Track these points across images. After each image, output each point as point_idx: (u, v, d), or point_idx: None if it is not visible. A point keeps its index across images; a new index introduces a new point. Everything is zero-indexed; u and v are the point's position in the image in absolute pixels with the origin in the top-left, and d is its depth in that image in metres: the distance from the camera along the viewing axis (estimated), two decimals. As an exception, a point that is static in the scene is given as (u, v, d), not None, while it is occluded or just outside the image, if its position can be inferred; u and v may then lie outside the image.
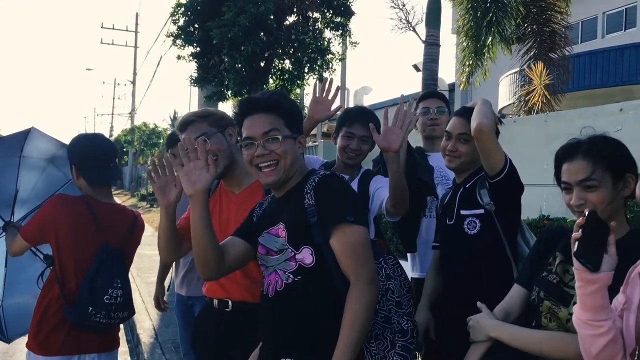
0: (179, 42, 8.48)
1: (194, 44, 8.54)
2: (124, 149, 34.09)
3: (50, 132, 3.16)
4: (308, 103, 2.68)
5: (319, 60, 8.55)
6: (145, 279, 7.66)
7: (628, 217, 1.70)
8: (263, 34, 8.09)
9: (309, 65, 8.59)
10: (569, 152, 1.62)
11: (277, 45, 8.23)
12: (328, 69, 8.71)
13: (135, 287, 7.12)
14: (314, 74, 8.65)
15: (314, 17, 8.67)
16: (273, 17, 8.16)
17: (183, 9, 8.43)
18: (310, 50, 8.50)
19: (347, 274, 1.62)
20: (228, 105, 9.34)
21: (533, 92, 9.91)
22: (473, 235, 2.21)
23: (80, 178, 2.51)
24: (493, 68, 11.21)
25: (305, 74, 8.74)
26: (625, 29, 18.01)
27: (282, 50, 8.42)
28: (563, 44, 11.14)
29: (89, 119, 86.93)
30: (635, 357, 1.31)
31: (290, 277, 1.67)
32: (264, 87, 8.38)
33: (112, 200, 2.61)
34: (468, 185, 2.29)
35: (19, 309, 2.90)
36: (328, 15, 8.72)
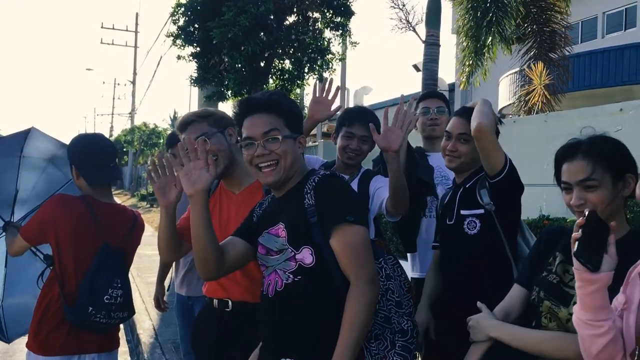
0: (179, 42, 8.48)
1: (194, 44, 8.55)
2: (124, 149, 34.09)
3: (51, 132, 3.16)
4: (308, 103, 2.68)
5: (319, 60, 8.56)
6: (146, 279, 7.66)
7: (628, 217, 1.70)
8: (263, 34, 8.09)
9: (309, 65, 8.59)
10: (569, 152, 1.62)
11: (277, 45, 8.23)
12: (328, 69, 8.72)
13: (135, 287, 7.12)
14: (314, 74, 8.65)
15: (314, 17, 8.68)
16: (273, 17, 8.17)
17: (183, 9, 8.43)
18: (310, 50, 8.51)
19: (347, 274, 1.62)
20: (228, 105, 9.35)
21: (533, 92, 9.92)
22: (473, 235, 2.21)
23: (80, 178, 2.51)
24: (493, 68, 11.21)
25: (305, 74, 8.74)
26: (625, 29, 18.01)
27: (282, 50, 8.42)
28: (563, 44, 11.14)
29: (89, 119, 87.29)
30: (636, 357, 1.31)
31: (290, 277, 1.67)
32: (264, 87, 8.39)
33: (112, 200, 2.61)
34: (468, 185, 2.29)
35: (19, 309, 2.90)
36: (328, 15, 8.72)
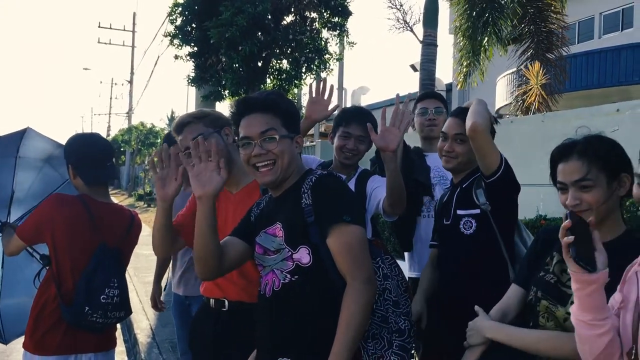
0: (177, 41, 8.49)
1: (192, 44, 8.56)
2: (122, 149, 34.07)
3: (48, 131, 3.17)
4: (305, 103, 2.68)
5: (317, 60, 8.57)
6: (143, 279, 7.65)
7: (624, 217, 1.71)
8: (260, 34, 8.10)
9: (307, 65, 8.61)
10: (564, 152, 1.63)
11: (274, 45, 8.24)
12: (325, 69, 8.73)
13: (133, 286, 7.11)
14: (312, 74, 8.67)
15: (312, 17, 8.69)
16: (270, 17, 8.17)
17: (180, 9, 8.44)
18: (308, 50, 8.52)
19: (343, 274, 1.62)
20: (225, 105, 9.36)
21: (530, 91, 9.93)
22: (469, 235, 2.22)
23: (77, 177, 2.51)
24: (490, 68, 11.23)
25: (303, 74, 8.75)
26: (622, 30, 18.06)
27: (279, 50, 8.43)
28: (560, 44, 11.16)
29: (87, 119, 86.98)
30: (632, 356, 1.32)
31: (288, 276, 1.68)
32: (262, 87, 8.39)
33: (109, 200, 2.61)
34: (465, 186, 2.29)
35: (17, 310, 2.89)
36: (325, 15, 8.74)
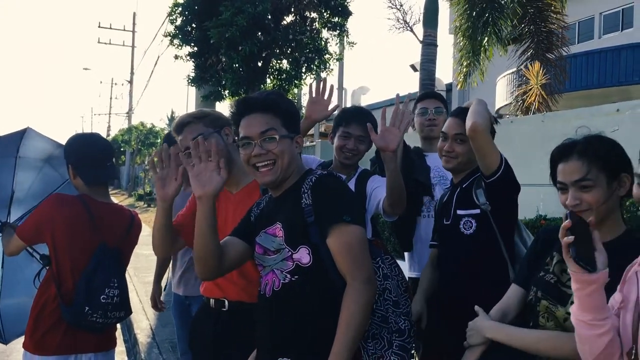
0: (177, 41, 8.49)
1: (192, 44, 8.56)
2: (122, 149, 34.07)
3: (48, 131, 3.17)
4: (305, 103, 2.68)
5: (317, 60, 8.57)
6: (143, 279, 7.65)
7: (624, 217, 1.71)
8: (260, 34, 8.10)
9: (307, 65, 8.61)
10: (564, 152, 1.63)
11: (274, 45, 8.24)
12: (325, 69, 8.74)
13: (133, 286, 7.12)
14: (312, 74, 8.67)
15: (312, 17, 8.69)
16: (270, 17, 8.18)
17: (180, 9, 8.44)
18: (308, 50, 8.52)
19: (343, 274, 1.62)
20: (225, 105, 9.36)
21: (530, 91, 9.93)
22: (469, 235, 2.22)
23: (77, 177, 2.51)
24: (491, 68, 11.22)
25: (303, 74, 8.75)
26: (622, 30, 18.05)
27: (279, 50, 8.43)
28: (560, 44, 11.16)
29: (87, 119, 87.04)
30: (632, 356, 1.32)
31: (288, 276, 1.68)
32: (262, 87, 8.39)
33: (109, 200, 2.61)
34: (465, 186, 2.29)
35: (17, 310, 2.88)
36: (325, 15, 8.74)
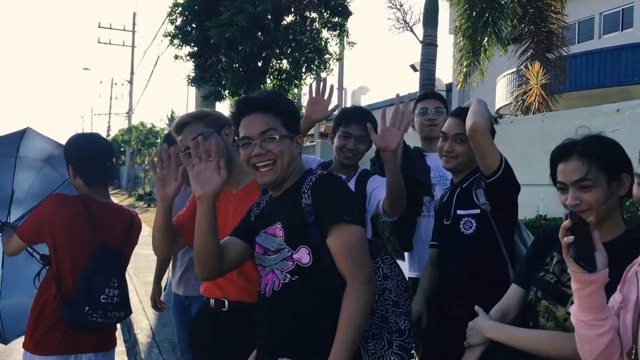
0: (177, 41, 8.49)
1: (192, 44, 8.56)
2: (122, 149, 34.06)
3: (48, 131, 3.17)
4: (305, 103, 2.68)
5: (317, 60, 8.57)
6: (143, 279, 7.65)
7: (624, 217, 1.71)
8: (260, 34, 8.10)
9: (307, 65, 8.61)
10: (564, 152, 1.63)
11: (274, 45, 8.24)
12: (325, 69, 8.74)
13: (133, 286, 7.12)
14: (312, 74, 8.67)
15: (312, 17, 8.69)
16: (270, 17, 8.18)
17: (180, 9, 8.44)
18: (308, 50, 8.52)
19: (343, 274, 1.62)
20: (225, 105, 9.36)
21: (530, 91, 9.93)
22: (469, 235, 2.22)
23: (77, 177, 2.51)
24: (491, 68, 11.22)
25: (303, 74, 8.75)
26: (622, 30, 18.05)
27: (279, 50, 8.43)
28: (560, 44, 11.16)
29: (87, 119, 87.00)
30: (632, 356, 1.32)
31: (288, 276, 1.67)
32: (262, 87, 8.40)
33: (109, 200, 2.61)
34: (465, 186, 2.29)
35: (17, 310, 2.88)
36: (325, 15, 8.74)
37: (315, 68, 8.58)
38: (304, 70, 8.69)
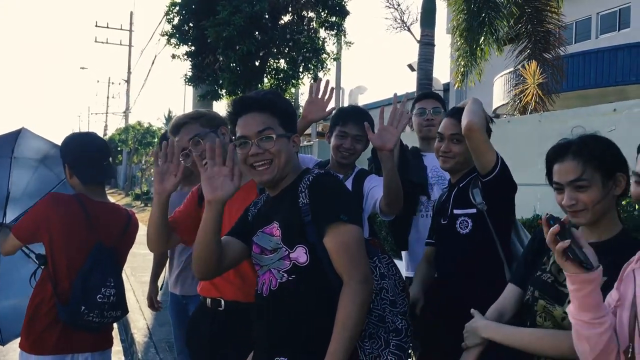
0: (174, 41, 8.48)
1: (189, 43, 8.54)
2: (118, 148, 33.99)
3: (44, 130, 3.17)
4: (303, 102, 2.67)
5: (314, 60, 8.56)
6: (139, 278, 7.64)
7: (621, 217, 1.71)
8: (258, 33, 8.09)
9: (304, 65, 8.60)
10: (560, 152, 1.63)
11: (271, 45, 8.23)
12: (323, 69, 8.73)
13: (129, 286, 7.11)
14: (309, 74, 8.66)
15: (309, 16, 8.68)
16: (268, 16, 8.17)
17: (178, 8, 8.43)
18: (305, 50, 8.51)
19: (340, 273, 1.62)
20: (222, 105, 9.35)
21: (527, 91, 9.94)
22: (465, 235, 2.22)
23: (74, 177, 2.50)
24: (488, 68, 11.23)
25: (300, 74, 8.75)
26: (619, 30, 18.09)
27: (276, 50, 8.42)
28: (557, 44, 11.17)
29: (83, 118, 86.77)
30: (629, 354, 1.32)
31: (285, 276, 1.67)
32: (259, 86, 8.39)
33: (105, 199, 2.60)
34: (462, 185, 2.30)
35: (13, 311, 2.88)
36: (323, 15, 8.73)
37: (313, 68, 8.58)
38: (302, 70, 8.68)
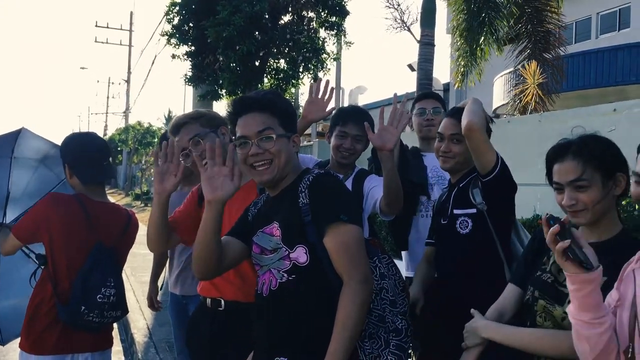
0: (174, 41, 8.48)
1: (189, 43, 8.54)
2: (118, 148, 33.99)
3: (44, 130, 3.17)
4: (303, 102, 2.68)
5: (314, 60, 8.56)
6: (139, 278, 7.64)
7: (621, 216, 1.71)
8: (258, 33, 8.09)
9: (304, 65, 8.60)
10: (560, 152, 1.63)
11: (272, 45, 8.23)
12: (323, 69, 8.72)
13: (130, 286, 7.11)
14: (309, 74, 8.66)
15: (309, 16, 8.68)
16: (268, 16, 8.17)
17: (178, 8, 8.43)
18: (305, 50, 8.51)
19: (340, 273, 1.62)
20: (222, 105, 9.35)
21: (527, 91, 9.94)
22: (465, 235, 2.22)
23: (74, 177, 2.50)
24: (488, 68, 11.23)
25: (300, 74, 8.75)
26: (619, 30, 18.09)
27: (276, 50, 8.42)
28: (557, 44, 11.17)
29: (83, 118, 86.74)
30: (629, 354, 1.32)
31: (285, 276, 1.67)
32: (259, 86, 8.39)
33: (105, 199, 2.60)
34: (462, 185, 2.30)
35: (14, 311, 2.87)
36: (323, 15, 8.73)
37: (313, 68, 8.58)
38: (302, 70, 8.68)
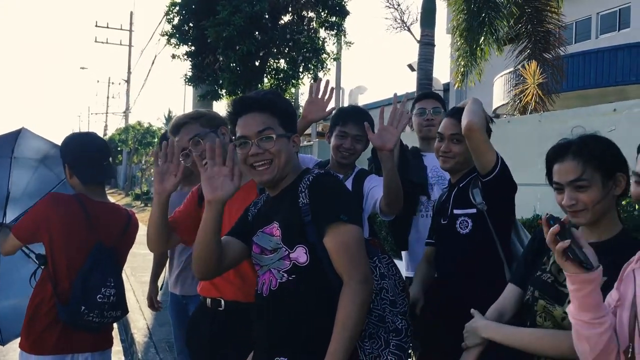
0: (174, 41, 8.48)
1: (189, 43, 8.55)
2: (118, 148, 34.00)
3: (44, 130, 3.17)
4: (303, 102, 2.68)
5: (314, 60, 8.56)
6: (139, 278, 7.64)
7: (621, 217, 1.71)
8: (258, 33, 8.09)
9: (304, 65, 8.60)
10: (560, 152, 1.63)
11: (272, 45, 8.23)
12: (323, 69, 8.72)
13: (130, 286, 7.11)
14: (309, 74, 8.66)
15: (309, 16, 8.68)
16: (268, 16, 8.17)
17: (178, 8, 8.43)
18: (305, 50, 8.51)
19: (340, 273, 1.62)
20: (222, 105, 9.36)
21: (527, 91, 9.94)
22: (465, 235, 2.22)
23: (74, 177, 2.50)
24: (488, 68, 11.23)
25: (300, 74, 8.75)
26: (619, 30, 18.10)
27: (277, 50, 8.42)
28: (557, 44, 11.17)
29: (83, 118, 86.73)
30: (629, 354, 1.32)
31: (285, 276, 1.67)
32: (259, 86, 8.39)
33: (105, 199, 2.60)
34: (462, 185, 2.30)
35: (13, 311, 2.87)
36: (323, 15, 8.73)
37: (313, 68, 8.58)
38: (302, 70, 8.69)
